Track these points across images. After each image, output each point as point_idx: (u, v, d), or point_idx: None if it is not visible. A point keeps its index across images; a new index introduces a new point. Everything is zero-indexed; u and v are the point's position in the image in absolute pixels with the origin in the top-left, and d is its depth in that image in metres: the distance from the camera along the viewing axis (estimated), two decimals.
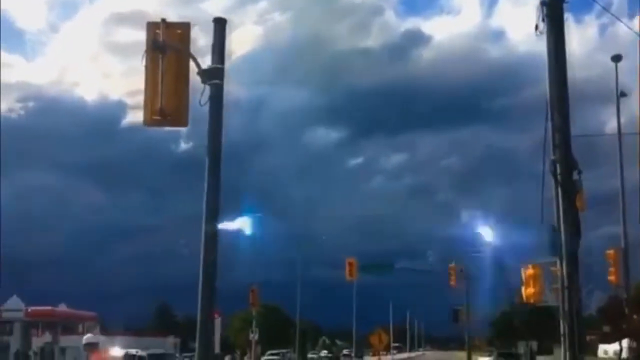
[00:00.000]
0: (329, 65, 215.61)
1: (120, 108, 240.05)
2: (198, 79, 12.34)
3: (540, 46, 17.90)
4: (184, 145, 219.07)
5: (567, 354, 17.54)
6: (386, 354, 48.09)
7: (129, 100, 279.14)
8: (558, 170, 18.20)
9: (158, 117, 11.84)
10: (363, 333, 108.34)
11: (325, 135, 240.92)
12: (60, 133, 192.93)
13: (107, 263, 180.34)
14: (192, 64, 12.13)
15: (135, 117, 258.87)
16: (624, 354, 60.34)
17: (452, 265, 46.17)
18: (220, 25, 12.55)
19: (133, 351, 36.02)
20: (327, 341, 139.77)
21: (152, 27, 11.86)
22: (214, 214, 11.93)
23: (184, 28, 12.10)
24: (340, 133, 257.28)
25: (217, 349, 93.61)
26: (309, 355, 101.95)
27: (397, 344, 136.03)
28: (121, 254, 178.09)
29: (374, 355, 48.95)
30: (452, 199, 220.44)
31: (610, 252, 28.32)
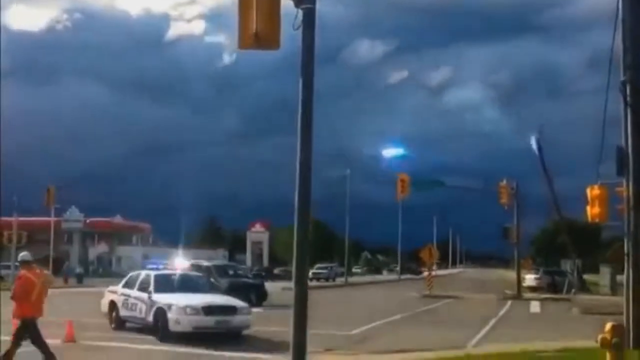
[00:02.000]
0: None
1: (164, 21, 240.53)
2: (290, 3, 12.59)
3: None
4: (227, 59, 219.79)
5: (631, 272, 18.16)
6: (434, 270, 48.78)
7: (173, 13, 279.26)
8: (628, 92, 18.51)
9: (252, 41, 12.22)
10: (405, 250, 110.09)
11: (370, 49, 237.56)
12: (106, 46, 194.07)
13: (157, 177, 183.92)
14: None
15: (179, 30, 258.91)
16: None
17: (503, 183, 46.39)
18: None
19: (201, 262, 37.33)
20: (369, 256, 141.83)
21: None
22: (308, 145, 12.37)
23: None
24: (386, 47, 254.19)
25: (265, 262, 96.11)
26: (353, 270, 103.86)
27: (437, 261, 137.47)
28: (169, 168, 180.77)
29: (424, 271, 49.79)
30: (501, 115, 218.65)
31: None
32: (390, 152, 52.53)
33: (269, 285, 39.67)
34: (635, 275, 18.24)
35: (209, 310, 18.78)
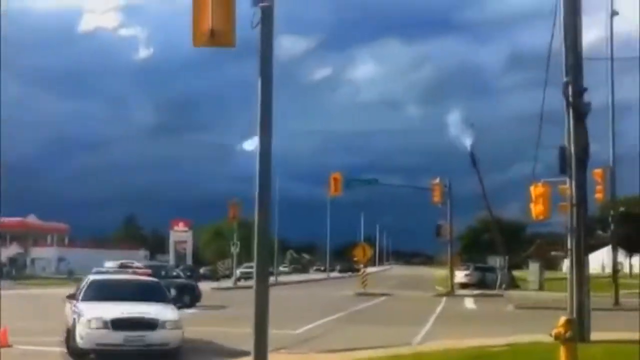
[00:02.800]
0: None
1: (77, 13, 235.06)
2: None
3: None
4: (142, 52, 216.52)
5: (574, 267, 18.58)
6: (365, 267, 49.00)
7: (85, 5, 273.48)
8: (570, 92, 18.93)
9: (207, 38, 12.05)
10: (333, 249, 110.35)
11: (292, 45, 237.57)
12: (15, 38, 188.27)
13: (70, 173, 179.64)
14: None
15: (93, 22, 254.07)
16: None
17: (436, 181, 46.93)
18: None
19: (131, 263, 36.43)
20: (295, 255, 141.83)
21: None
22: (268, 137, 12.31)
23: None
24: (308, 43, 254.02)
25: (189, 261, 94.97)
26: (280, 269, 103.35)
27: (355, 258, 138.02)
28: (83, 164, 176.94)
29: (359, 269, 49.94)
30: (425, 112, 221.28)
31: (598, 170, 29.28)
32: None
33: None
34: (577, 270, 18.71)
35: (118, 323, 15.11)
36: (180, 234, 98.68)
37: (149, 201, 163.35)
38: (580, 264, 18.36)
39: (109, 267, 36.05)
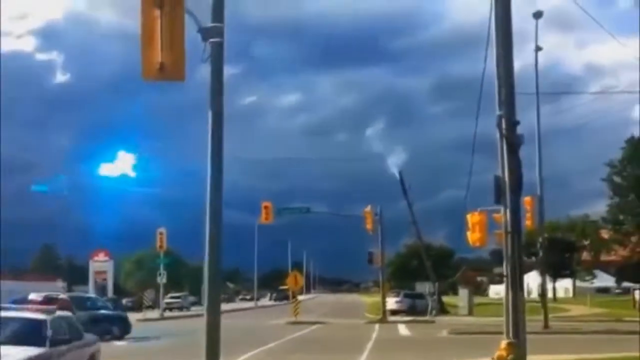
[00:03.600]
0: None
1: None
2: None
3: None
4: (60, 77, 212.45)
5: (510, 293, 19.06)
6: (296, 296, 48.95)
7: (3, 27, 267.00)
8: (503, 125, 19.56)
9: (156, 72, 12.12)
10: (259, 276, 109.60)
11: None
12: None
13: None
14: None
15: (7, 45, 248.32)
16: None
17: (368, 209, 47.37)
18: None
19: (56, 294, 35.38)
20: None
21: None
22: (219, 172, 12.44)
23: None
24: (234, 70, 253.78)
25: (110, 293, 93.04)
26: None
27: (284, 287, 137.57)
28: None
29: (293, 297, 49.80)
30: (353, 139, 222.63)
31: (527, 199, 30.18)
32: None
33: None
34: (513, 296, 19.20)
35: None
36: (100, 264, 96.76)
37: (66, 230, 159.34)
38: (516, 289, 18.85)
39: (32, 298, 35.14)
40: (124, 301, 76.72)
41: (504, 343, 11.74)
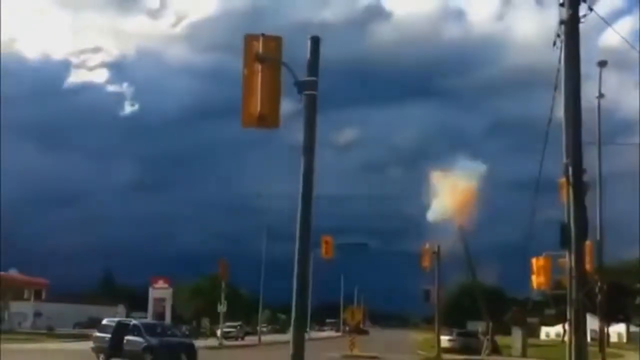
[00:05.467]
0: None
1: (65, 68, 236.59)
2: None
3: (496, 28, 19.99)
4: (128, 108, 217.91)
5: (573, 336, 19.72)
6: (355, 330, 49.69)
7: (74, 60, 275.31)
8: (570, 172, 20.36)
9: (255, 121, 13.32)
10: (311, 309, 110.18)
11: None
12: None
13: (50, 228, 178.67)
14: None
15: (80, 76, 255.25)
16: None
17: (426, 247, 48.13)
18: (314, 42, 14.12)
19: (128, 320, 36.95)
20: (269, 314, 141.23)
21: (249, 39, 13.35)
22: (308, 213, 13.42)
23: (278, 41, 13.60)
24: (292, 105, 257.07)
25: (168, 320, 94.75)
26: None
27: (333, 320, 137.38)
28: (63, 218, 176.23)
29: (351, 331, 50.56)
30: (405, 176, 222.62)
31: (588, 243, 30.61)
32: None
33: None
34: (577, 340, 19.84)
35: None
36: (160, 291, 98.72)
37: (125, 256, 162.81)
38: (579, 333, 19.50)
39: (106, 323, 36.73)
40: (182, 328, 78.18)
41: None
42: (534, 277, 20.87)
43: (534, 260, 20.84)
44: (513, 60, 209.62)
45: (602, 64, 35.18)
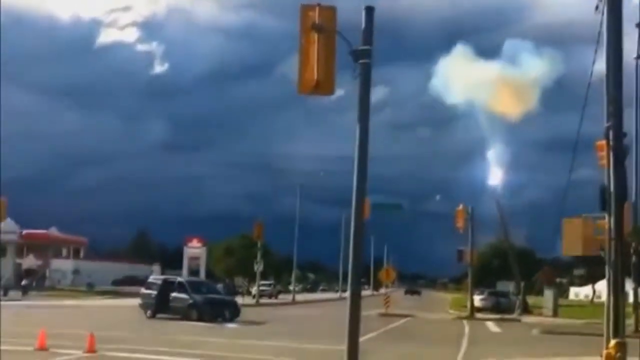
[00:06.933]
0: None
1: (95, 27, 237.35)
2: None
3: None
4: (158, 68, 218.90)
5: (611, 297, 20.33)
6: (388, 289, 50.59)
7: (105, 19, 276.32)
8: (611, 136, 20.81)
9: (311, 88, 13.99)
10: (334, 268, 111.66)
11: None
12: (33, 51, 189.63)
13: (82, 187, 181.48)
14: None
15: (110, 36, 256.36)
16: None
17: (460, 208, 48.62)
18: (369, 11, 14.67)
19: (173, 278, 38.24)
20: (299, 274, 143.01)
21: (305, 9, 13.97)
22: (363, 182, 13.99)
23: (332, 10, 14.20)
24: None
25: (202, 276, 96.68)
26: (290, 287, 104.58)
27: (363, 279, 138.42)
28: (97, 178, 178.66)
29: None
30: (438, 137, 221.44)
31: (626, 205, 31.00)
32: None
33: None
34: (614, 299, 20.45)
35: None
36: (194, 250, 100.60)
37: (158, 216, 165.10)
38: (617, 292, 20.11)
39: (152, 280, 38.03)
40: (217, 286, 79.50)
41: (613, 342, 12.98)
42: (565, 240, 21.44)
43: (565, 222, 21.42)
44: (547, 17, 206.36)
45: None
